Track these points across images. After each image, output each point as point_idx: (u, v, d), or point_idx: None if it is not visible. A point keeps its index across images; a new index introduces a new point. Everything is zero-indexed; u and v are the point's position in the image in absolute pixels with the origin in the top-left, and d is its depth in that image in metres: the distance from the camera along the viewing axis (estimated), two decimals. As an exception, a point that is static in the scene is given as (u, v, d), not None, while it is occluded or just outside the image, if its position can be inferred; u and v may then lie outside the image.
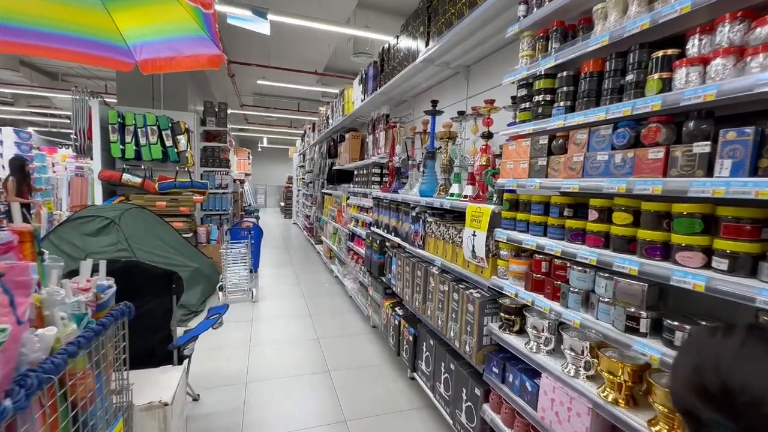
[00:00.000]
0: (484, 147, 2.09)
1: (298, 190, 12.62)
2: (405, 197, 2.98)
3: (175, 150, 5.37)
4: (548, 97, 1.55)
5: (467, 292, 1.99)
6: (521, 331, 1.73)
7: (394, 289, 3.16)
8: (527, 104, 1.67)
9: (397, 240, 3.14)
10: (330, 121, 6.72)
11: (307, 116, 12.98)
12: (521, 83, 1.71)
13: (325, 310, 4.53)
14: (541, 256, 1.58)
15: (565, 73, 1.47)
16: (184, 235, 5.00)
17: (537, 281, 1.57)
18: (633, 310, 1.16)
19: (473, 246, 1.94)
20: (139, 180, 5.08)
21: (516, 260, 1.70)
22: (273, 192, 21.68)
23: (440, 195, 2.63)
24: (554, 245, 1.43)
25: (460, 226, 2.20)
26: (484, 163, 2.07)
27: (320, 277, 6.10)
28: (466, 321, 1.98)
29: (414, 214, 2.77)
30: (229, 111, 7.99)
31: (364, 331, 3.91)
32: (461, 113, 2.39)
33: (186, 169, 5.52)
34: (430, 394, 2.50)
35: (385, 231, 3.44)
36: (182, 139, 5.39)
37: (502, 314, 1.78)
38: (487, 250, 1.85)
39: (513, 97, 2.03)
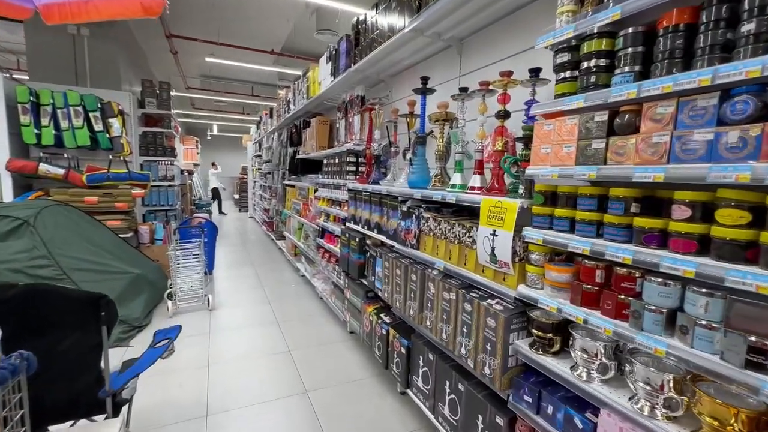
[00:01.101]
0: (499, 129, 1.75)
1: (255, 182, 11.76)
2: (391, 189, 2.60)
3: (107, 135, 4.54)
4: (604, 62, 1.23)
5: (484, 303, 1.66)
6: (560, 352, 1.43)
7: (379, 293, 2.78)
8: (570, 73, 1.34)
9: (381, 238, 2.76)
10: (291, 105, 6.12)
11: (263, 101, 12.07)
12: (560, 47, 1.37)
13: (293, 315, 4.05)
14: (592, 263, 1.28)
15: (631, 31, 1.15)
16: (122, 236, 4.26)
17: (589, 294, 1.26)
18: (756, 339, 0.87)
19: (493, 248, 1.61)
20: (61, 171, 4.23)
21: (556, 267, 1.38)
22: (226, 184, 20.26)
23: (435, 186, 2.27)
24: (619, 250, 1.12)
25: (469, 223, 1.86)
26: (499, 149, 1.74)
27: (285, 276, 5.58)
28: (484, 338, 1.65)
29: (405, 209, 2.40)
30: (173, 93, 7.08)
31: (342, 338, 3.51)
32: (463, 90, 2.04)
33: (122, 158, 4.71)
34: (430, 416, 2.17)
35: (365, 227, 3.03)
36: (115, 123, 4.57)
37: (534, 331, 1.47)
38: (514, 253, 1.52)
39: (532, 70, 1.71)
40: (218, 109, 14.30)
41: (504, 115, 1.73)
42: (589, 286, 1.26)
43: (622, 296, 1.16)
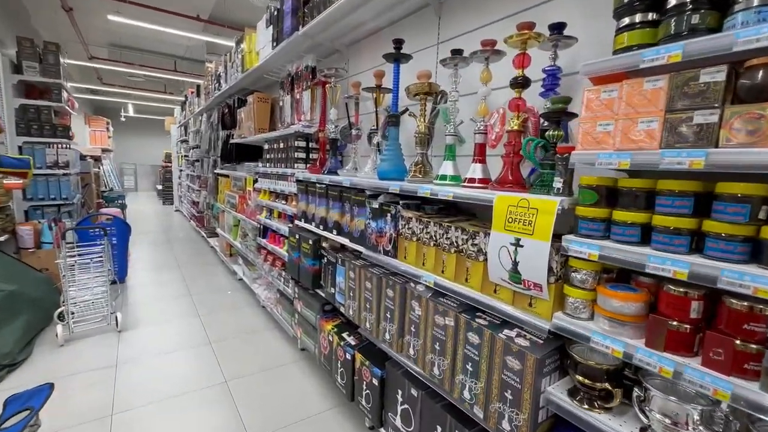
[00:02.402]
0: (515, 102, 1.31)
1: (180, 170, 10.38)
2: (356, 181, 2.08)
3: (-40, 106, 3.38)
4: (709, -5, 0.83)
5: (501, 335, 1.24)
6: (611, 407, 1.05)
7: (341, 309, 2.26)
8: (644, 15, 0.93)
9: (343, 241, 2.23)
10: (222, 81, 5.23)
11: (188, 77, 10.62)
12: (628, -21, 0.96)
13: (231, 331, 3.37)
14: (681, 290, 0.90)
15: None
16: (-13, 242, 3.21)
17: (680, 335, 0.88)
18: None
19: (515, 262, 1.18)
20: None
21: (619, 292, 0.99)
22: (146, 172, 17.95)
23: (416, 177, 1.80)
24: (743, 275, 0.75)
25: (472, 226, 1.42)
26: (515, 128, 1.30)
27: (219, 281, 4.78)
28: (501, 382, 1.23)
29: (375, 205, 1.90)
30: (67, 61, 5.73)
31: (292, 358, 2.94)
32: (457, 52, 1.57)
33: (-14, 137, 3.56)
34: (414, 465, 1.73)
35: (321, 227, 2.48)
36: (-27, 90, 3.41)
37: (579, 378, 1.07)
38: (550, 270, 1.10)
39: (554, 26, 1.29)
40: (134, 86, 12.36)
41: (522, 83, 1.29)
42: (679, 325, 0.88)
43: (744, 342, 0.79)
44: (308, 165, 2.93)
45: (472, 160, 1.53)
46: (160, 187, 13.96)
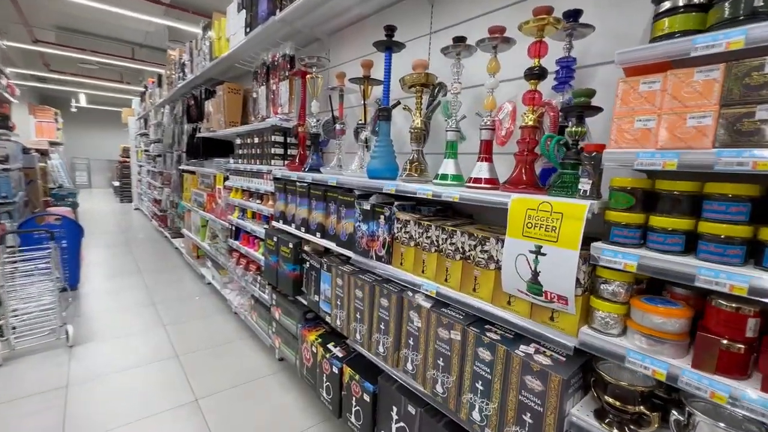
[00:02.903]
0: (530, 95, 1.19)
1: (140, 166, 9.70)
2: (345, 180, 1.91)
3: None
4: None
5: (518, 353, 1.12)
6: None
7: (327, 319, 2.09)
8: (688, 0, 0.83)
9: (328, 244, 2.06)
10: (188, 70, 4.85)
11: (148, 66, 9.92)
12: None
13: (200, 342, 3.09)
14: (734, 305, 0.81)
15: None
16: None
17: (734, 356, 0.79)
18: None
19: (535, 272, 1.06)
20: None
21: (659, 307, 0.89)
22: (101, 168, 16.73)
23: (412, 176, 1.66)
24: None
25: (481, 232, 1.29)
26: (530, 124, 1.19)
27: (185, 287, 4.43)
28: (519, 404, 1.12)
29: (367, 207, 1.74)
30: (6, 43, 5.13)
31: (270, 370, 2.73)
32: (460, 40, 1.44)
33: None
34: (411, 488, 1.60)
35: (303, 229, 2.29)
36: None
37: (609, 400, 0.97)
38: (577, 282, 0.99)
39: (569, 13, 1.19)
40: (86, 74, 11.42)
41: (539, 74, 1.18)
42: (732, 343, 0.79)
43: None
44: (287, 162, 2.71)
45: (478, 158, 1.40)
46: (117, 183, 13.03)
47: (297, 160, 2.57)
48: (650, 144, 0.87)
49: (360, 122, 2.12)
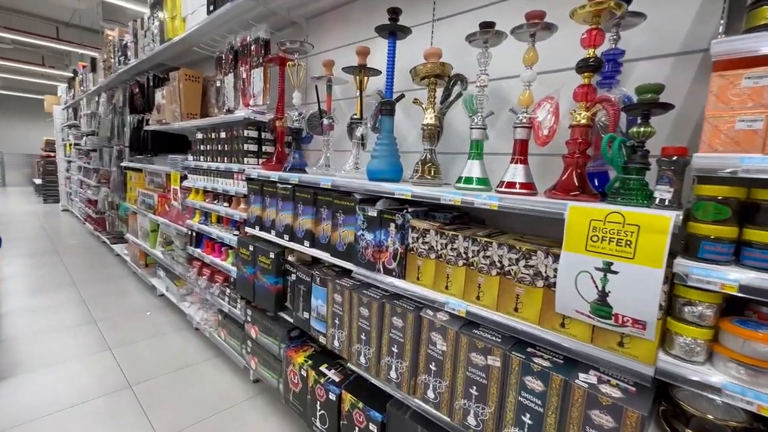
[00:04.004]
0: (583, 90, 1.05)
1: (69, 162, 8.57)
2: (341, 182, 1.67)
3: None
4: None
5: (579, 383, 0.98)
6: (736, 466, 0.86)
7: (322, 340, 1.84)
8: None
9: (321, 254, 1.82)
10: (131, 53, 4.26)
11: (77, 48, 8.77)
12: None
13: (159, 366, 2.68)
14: None
15: None
16: None
17: None
18: None
19: (604, 293, 0.93)
20: None
21: (759, 334, 0.78)
22: (18, 164, 14.66)
23: (424, 179, 1.48)
24: None
25: (526, 245, 1.14)
26: (584, 122, 1.05)
27: (133, 300, 3.89)
28: (582, 442, 0.98)
29: (373, 213, 1.53)
30: None
31: (245, 395, 2.41)
32: (488, 26, 1.27)
33: None
34: None
35: (287, 237, 2.02)
36: None
37: (695, 437, 0.86)
38: (659, 304, 0.87)
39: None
40: (-3, 55, 9.87)
41: (595, 66, 1.04)
42: None
43: None
44: (263, 160, 2.40)
45: (512, 159, 1.25)
46: (38, 181, 11.47)
47: (274, 159, 2.28)
48: (755, 148, 0.76)
49: (354, 117, 1.89)
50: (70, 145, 8.22)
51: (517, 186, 1.21)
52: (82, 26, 8.41)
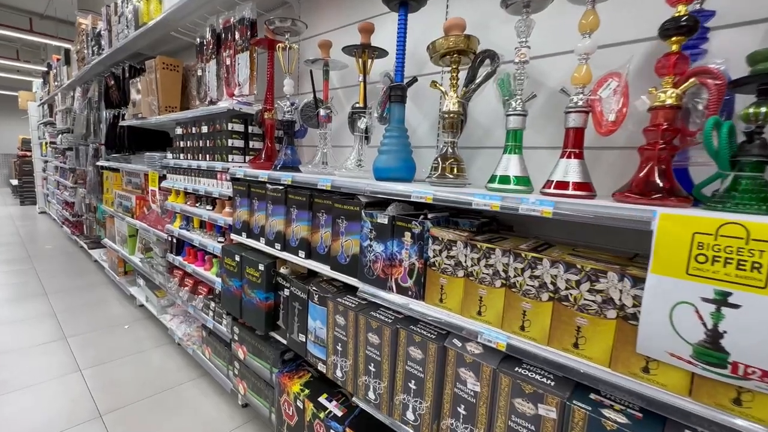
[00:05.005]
0: (672, 59, 0.80)
1: (45, 161, 8.13)
2: (344, 182, 1.40)
3: None
4: None
5: (676, 450, 0.73)
6: None
7: (321, 368, 1.57)
8: None
9: (319, 267, 1.55)
10: (104, 42, 3.91)
11: (51, 40, 8.31)
12: None
13: (137, 389, 2.38)
14: None
15: None
16: None
17: None
18: None
19: (713, 332, 0.68)
20: None
21: None
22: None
23: (445, 177, 1.23)
24: None
25: (590, 263, 0.89)
26: (672, 103, 0.80)
27: (110, 312, 3.56)
28: None
29: (383, 220, 1.26)
30: None
31: (233, 422, 2.13)
32: (529, -12, 1.01)
33: None
34: None
35: (278, 246, 1.74)
36: None
37: None
38: (804, 354, 0.62)
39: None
40: (-33, 49, 9.32)
41: (689, 27, 0.78)
42: None
43: None
44: (251, 157, 2.12)
45: (563, 153, 0.99)
46: (15, 182, 10.94)
47: (263, 155, 2.00)
48: None
49: (357, 105, 1.62)
50: (47, 143, 7.78)
51: (571, 186, 0.96)
52: (58, 18, 7.95)
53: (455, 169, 1.23)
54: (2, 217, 8.26)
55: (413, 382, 1.21)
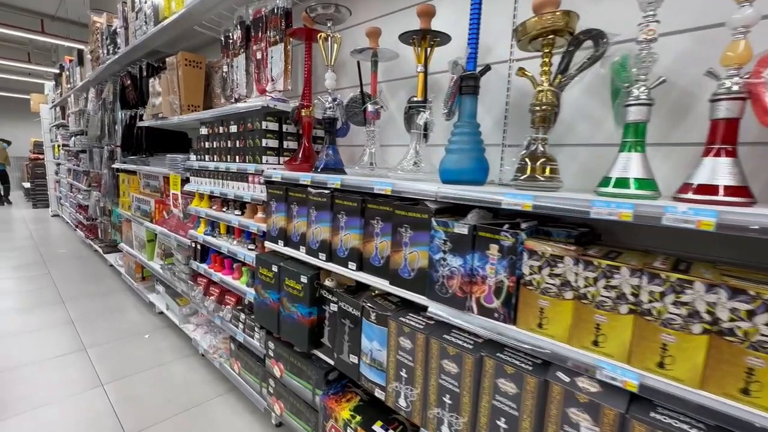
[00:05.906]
0: None
1: (58, 164, 8.08)
2: (405, 185, 1.23)
3: None
4: None
5: None
6: None
7: (378, 394, 1.40)
8: None
9: (377, 282, 1.38)
10: (120, 40, 3.79)
11: (64, 41, 8.25)
12: None
13: (161, 406, 2.23)
14: None
15: None
16: None
17: None
18: None
19: None
20: None
21: None
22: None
23: (535, 180, 1.05)
24: None
25: (758, 289, 0.70)
26: None
27: (129, 320, 3.43)
28: None
29: (462, 230, 1.09)
30: None
31: (267, 447, 1.97)
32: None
33: None
34: None
35: (323, 257, 1.58)
36: None
37: None
38: None
39: None
40: (-21, 52, 9.31)
41: None
42: None
43: None
44: (287, 158, 1.95)
45: (707, 150, 0.81)
46: (27, 185, 10.94)
47: (300, 156, 1.84)
48: None
49: (414, 99, 1.45)
50: (59, 146, 7.72)
51: (722, 191, 0.78)
52: (69, 19, 7.88)
53: (547, 170, 1.06)
54: (15, 220, 8.22)
55: (503, 419, 1.03)
